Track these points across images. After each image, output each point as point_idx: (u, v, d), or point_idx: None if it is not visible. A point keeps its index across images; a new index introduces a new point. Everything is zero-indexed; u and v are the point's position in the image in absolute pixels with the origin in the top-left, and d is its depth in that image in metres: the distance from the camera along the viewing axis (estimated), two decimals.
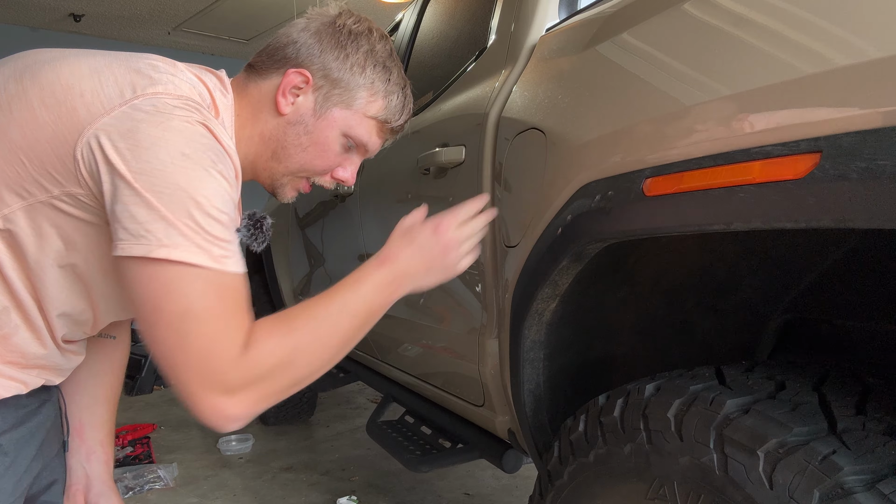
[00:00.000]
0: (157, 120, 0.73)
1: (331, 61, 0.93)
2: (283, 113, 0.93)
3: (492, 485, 2.51)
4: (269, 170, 0.98)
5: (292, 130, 0.94)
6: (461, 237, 0.91)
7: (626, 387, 0.92)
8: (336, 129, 0.95)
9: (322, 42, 0.93)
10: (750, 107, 0.68)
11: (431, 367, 1.69)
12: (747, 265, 1.02)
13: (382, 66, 0.96)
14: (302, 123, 0.94)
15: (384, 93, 0.96)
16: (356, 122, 0.96)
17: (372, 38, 0.96)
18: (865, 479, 0.61)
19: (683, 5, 0.83)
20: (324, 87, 0.93)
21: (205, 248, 0.73)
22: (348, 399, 3.85)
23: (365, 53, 0.94)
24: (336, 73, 0.93)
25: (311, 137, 0.95)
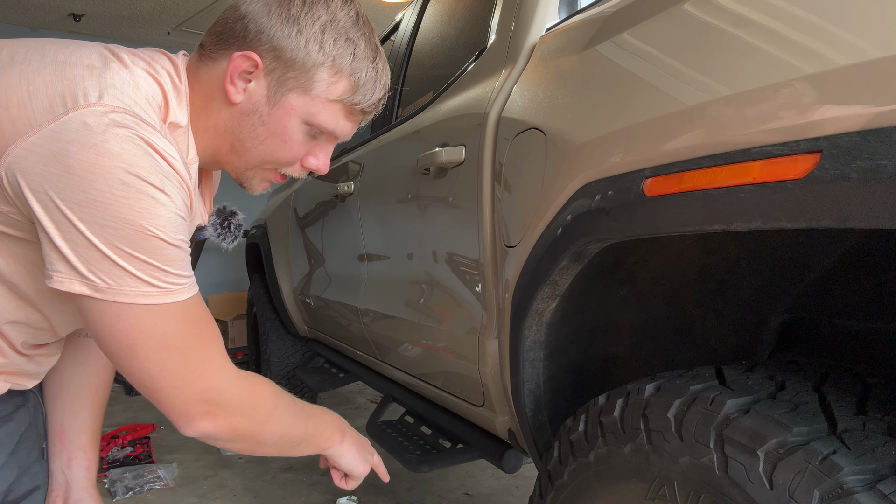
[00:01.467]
0: (89, 142, 0.65)
1: (282, 38, 0.80)
2: (234, 102, 0.82)
3: (492, 485, 2.51)
4: (231, 163, 0.89)
5: (246, 121, 0.84)
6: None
7: (626, 387, 0.92)
8: (295, 118, 0.83)
9: (271, 15, 0.80)
10: (750, 107, 0.68)
11: (431, 367, 1.69)
12: (747, 265, 1.02)
13: (345, 39, 0.82)
14: (256, 113, 0.83)
15: (349, 70, 0.83)
16: (318, 108, 0.83)
17: (332, 5, 0.82)
18: (866, 480, 0.61)
19: (683, 5, 0.83)
20: (276, 69, 0.81)
21: (158, 284, 0.70)
22: (348, 399, 3.85)
23: (322, 25, 0.80)
24: (289, 52, 0.80)
25: (267, 128, 0.84)
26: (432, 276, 1.58)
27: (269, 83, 0.82)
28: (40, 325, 0.83)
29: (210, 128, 0.85)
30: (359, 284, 2.13)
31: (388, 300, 1.88)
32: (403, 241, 1.75)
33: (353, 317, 2.19)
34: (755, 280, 1.04)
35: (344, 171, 2.29)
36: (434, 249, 1.55)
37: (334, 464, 1.09)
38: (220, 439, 0.85)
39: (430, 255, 1.57)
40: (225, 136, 0.86)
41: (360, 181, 2.08)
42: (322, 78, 0.82)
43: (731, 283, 1.06)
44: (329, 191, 2.36)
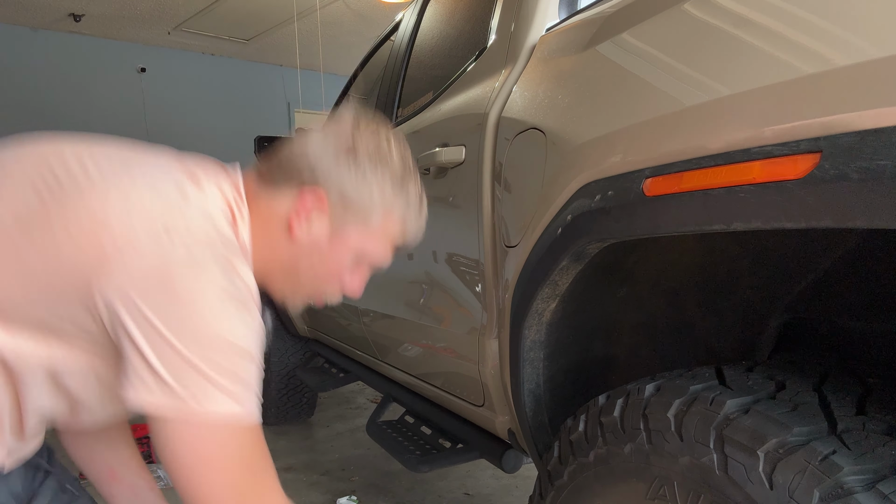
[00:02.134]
0: (193, 272, 0.71)
1: (347, 182, 0.86)
2: (298, 238, 0.87)
3: (492, 485, 2.51)
4: (279, 289, 0.94)
5: (305, 255, 0.89)
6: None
7: (626, 387, 0.92)
8: (351, 251, 0.90)
9: (338, 160, 0.86)
10: (750, 107, 0.68)
11: (431, 367, 1.69)
12: (747, 265, 1.02)
13: (400, 183, 0.90)
14: (316, 248, 0.89)
15: (402, 212, 0.91)
16: (371, 243, 0.91)
17: (391, 155, 0.90)
18: (865, 479, 0.61)
19: (683, 5, 0.83)
20: (339, 208, 0.87)
21: (243, 402, 0.73)
22: (348, 399, 3.85)
23: (383, 172, 0.88)
24: (353, 193, 0.87)
25: (324, 262, 0.90)
26: (432, 276, 1.58)
27: (332, 220, 0.88)
28: (60, 417, 0.84)
29: (266, 254, 0.88)
30: None
31: (388, 300, 1.88)
32: None
33: (353, 317, 2.19)
34: (755, 280, 1.04)
35: None
36: (434, 249, 1.55)
37: None
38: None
39: (430, 255, 1.57)
40: (280, 265, 0.90)
41: None
42: (378, 218, 0.89)
43: (731, 283, 1.06)
44: None
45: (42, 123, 4.83)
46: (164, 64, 5.37)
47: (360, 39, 5.22)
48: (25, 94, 4.76)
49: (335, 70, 6.01)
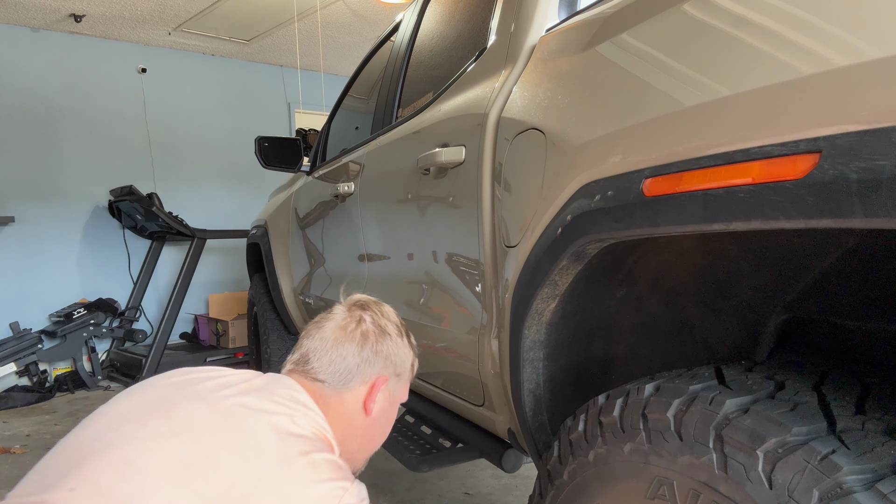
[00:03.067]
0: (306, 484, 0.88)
1: (393, 357, 1.13)
2: (371, 414, 1.10)
3: (492, 484, 2.51)
4: (353, 460, 1.10)
5: (377, 424, 1.13)
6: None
7: (625, 387, 0.92)
8: (398, 403, 1.18)
9: (382, 347, 1.12)
10: (749, 107, 0.68)
11: (431, 366, 1.69)
12: (747, 265, 1.02)
13: (408, 336, 1.19)
14: (384, 415, 1.14)
15: (414, 353, 1.20)
16: (406, 389, 1.19)
17: (397, 319, 1.19)
18: (865, 479, 0.61)
19: (683, 5, 0.84)
20: (393, 378, 1.14)
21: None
22: None
23: (400, 334, 1.16)
24: (398, 363, 1.15)
25: (389, 421, 1.17)
26: (432, 276, 1.59)
27: (391, 389, 1.14)
28: None
29: (347, 437, 1.07)
30: (359, 284, 2.13)
31: (388, 300, 1.88)
32: (403, 241, 1.76)
33: None
34: (754, 280, 1.04)
35: (344, 171, 2.29)
36: (434, 249, 1.55)
37: None
38: None
39: (431, 255, 1.57)
40: (356, 440, 1.10)
41: (360, 181, 2.08)
42: (409, 369, 1.19)
43: (731, 283, 1.06)
44: (329, 191, 2.36)
45: (42, 123, 4.82)
46: (165, 64, 5.37)
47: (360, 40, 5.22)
48: (25, 94, 4.75)
49: (335, 70, 6.01)
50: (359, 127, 2.50)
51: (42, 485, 0.86)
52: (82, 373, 4.50)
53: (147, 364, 4.38)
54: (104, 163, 5.10)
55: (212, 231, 4.82)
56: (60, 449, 0.92)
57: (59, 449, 0.92)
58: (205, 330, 5.22)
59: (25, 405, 4.12)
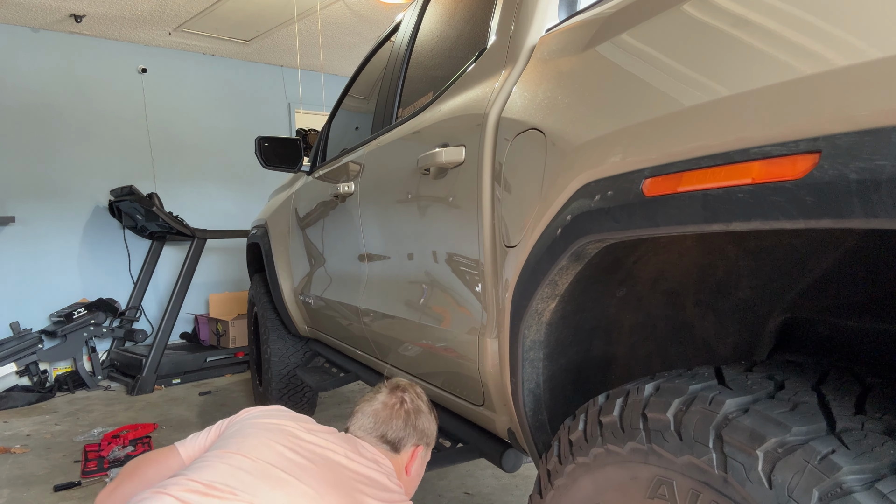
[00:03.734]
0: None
1: (427, 429, 1.51)
2: (410, 475, 1.47)
3: (492, 484, 2.51)
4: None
5: (413, 482, 1.49)
6: None
7: (625, 386, 0.92)
8: (426, 464, 1.53)
9: (419, 423, 1.48)
10: (749, 107, 0.68)
11: (431, 366, 1.70)
12: (746, 265, 1.02)
13: (434, 411, 1.56)
14: (418, 475, 1.50)
15: (437, 424, 1.57)
16: (430, 451, 1.55)
17: (428, 402, 1.55)
18: (864, 479, 0.61)
19: (683, 5, 0.84)
20: (425, 447, 1.50)
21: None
22: (349, 399, 3.85)
23: (432, 411, 1.54)
24: (429, 433, 1.52)
25: (419, 478, 1.51)
26: (432, 276, 1.59)
27: (422, 455, 1.51)
28: None
29: None
30: (359, 284, 2.13)
31: (388, 300, 1.88)
32: (403, 241, 1.76)
33: (354, 316, 2.19)
34: (754, 280, 1.04)
35: (344, 171, 2.29)
36: (434, 249, 1.55)
37: None
38: None
39: (430, 255, 1.57)
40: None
41: (360, 181, 2.08)
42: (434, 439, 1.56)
43: (730, 283, 1.06)
44: (329, 191, 2.36)
45: (42, 123, 4.82)
46: (165, 64, 5.37)
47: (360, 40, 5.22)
48: (25, 94, 4.76)
49: (336, 70, 6.01)
50: (359, 127, 2.50)
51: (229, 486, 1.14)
52: (82, 373, 4.50)
53: (147, 364, 4.38)
54: (104, 163, 5.11)
55: (212, 231, 4.82)
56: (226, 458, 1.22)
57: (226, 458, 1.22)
58: (205, 330, 5.23)
59: (26, 405, 4.12)
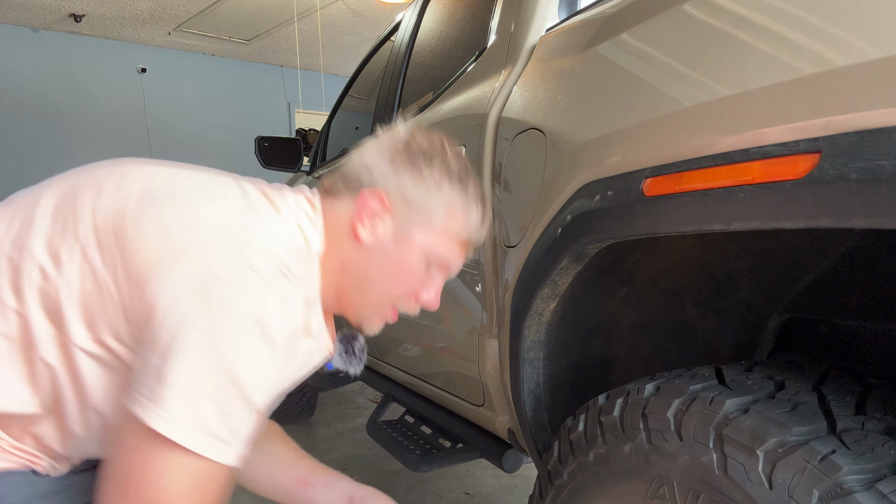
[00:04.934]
0: (236, 283, 0.70)
1: (406, 182, 0.88)
2: (362, 241, 0.88)
3: (492, 484, 2.51)
4: (353, 304, 0.93)
5: (374, 260, 0.89)
6: None
7: (625, 387, 0.92)
8: (418, 252, 0.90)
9: (395, 163, 0.89)
10: (749, 107, 0.68)
11: (431, 366, 1.69)
12: (747, 265, 1.02)
13: (458, 179, 0.91)
14: (383, 251, 0.89)
15: (463, 209, 0.91)
16: (438, 242, 0.90)
17: (444, 153, 0.92)
18: (865, 479, 0.61)
19: (683, 5, 0.84)
20: (401, 207, 0.89)
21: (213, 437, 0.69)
22: (348, 399, 3.85)
23: (439, 169, 0.90)
24: (411, 191, 0.88)
25: (393, 265, 0.90)
26: None
27: (395, 221, 0.89)
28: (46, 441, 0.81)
29: (336, 266, 0.88)
30: None
31: None
32: None
33: None
34: (754, 280, 1.04)
35: None
36: None
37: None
38: None
39: None
40: (350, 276, 0.90)
41: None
42: (440, 215, 0.90)
43: (731, 283, 1.06)
44: None
45: (42, 123, 4.82)
46: (165, 64, 5.37)
47: (360, 40, 5.23)
48: (25, 94, 4.76)
49: (335, 70, 6.01)
50: (359, 127, 2.50)
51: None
52: None
53: None
54: None
55: None
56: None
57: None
58: None
59: None
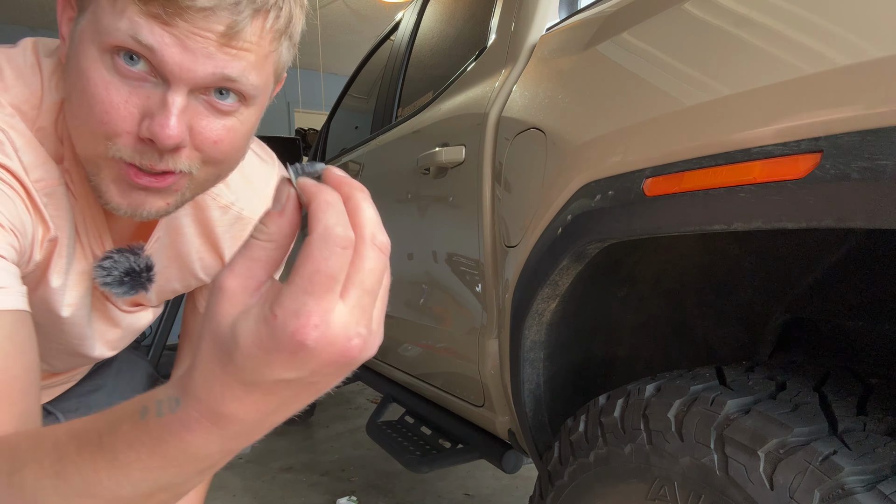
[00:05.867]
0: None
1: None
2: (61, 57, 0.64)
3: (492, 485, 2.51)
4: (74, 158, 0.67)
5: (66, 84, 0.62)
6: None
7: (626, 387, 0.92)
8: (88, 48, 0.57)
9: None
10: (750, 106, 0.68)
11: (431, 367, 1.69)
12: (747, 265, 1.02)
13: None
14: (67, 65, 0.61)
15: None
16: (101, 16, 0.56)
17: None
18: (866, 480, 0.61)
19: (683, 5, 0.83)
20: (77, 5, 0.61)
21: None
22: (348, 399, 3.85)
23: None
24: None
25: (71, 80, 0.60)
26: (432, 276, 1.58)
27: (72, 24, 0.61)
28: None
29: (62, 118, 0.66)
30: None
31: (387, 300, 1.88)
32: (403, 241, 1.75)
33: None
34: (755, 280, 1.04)
35: (344, 171, 2.29)
36: (434, 249, 1.55)
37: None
38: None
39: (430, 255, 1.57)
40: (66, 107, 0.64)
41: (360, 181, 2.08)
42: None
43: (732, 283, 1.06)
44: None
45: None
46: None
47: (360, 39, 5.22)
48: None
49: (335, 70, 6.01)
50: (358, 126, 2.50)
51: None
52: None
53: None
54: None
55: None
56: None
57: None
58: None
59: None
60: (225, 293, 0.38)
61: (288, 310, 0.36)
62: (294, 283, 0.36)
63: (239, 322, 0.37)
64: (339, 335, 0.36)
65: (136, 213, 0.64)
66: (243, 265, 0.39)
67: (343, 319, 0.37)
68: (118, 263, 0.74)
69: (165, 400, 0.41)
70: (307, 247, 0.37)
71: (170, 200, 0.65)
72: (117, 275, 0.73)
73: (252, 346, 0.36)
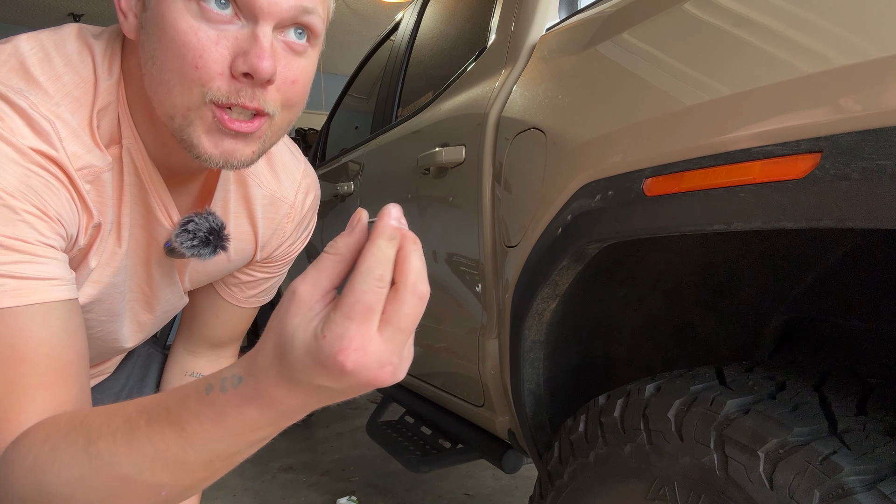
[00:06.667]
0: None
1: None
2: (132, 38, 0.67)
3: (492, 485, 2.51)
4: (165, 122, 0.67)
5: (143, 50, 0.64)
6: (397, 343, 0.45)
7: (626, 387, 0.92)
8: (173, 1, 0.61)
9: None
10: (750, 106, 0.68)
11: (431, 367, 1.69)
12: (747, 265, 1.02)
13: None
14: (143, 30, 0.64)
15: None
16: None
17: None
18: (866, 480, 0.61)
19: (683, 5, 0.83)
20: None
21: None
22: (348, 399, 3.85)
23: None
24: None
25: (155, 38, 0.62)
26: (432, 276, 1.58)
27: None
28: None
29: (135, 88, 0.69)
30: None
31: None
32: None
33: None
34: (755, 280, 1.04)
35: (344, 171, 2.29)
36: (434, 249, 1.55)
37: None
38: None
39: (430, 255, 1.57)
40: (141, 88, 0.68)
41: (359, 181, 2.08)
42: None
43: (732, 283, 1.06)
44: (329, 191, 2.36)
45: None
46: None
47: (360, 39, 5.23)
48: None
49: (335, 70, 6.01)
50: (358, 126, 2.50)
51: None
52: None
53: None
54: None
55: None
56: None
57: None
58: None
59: None
60: (296, 296, 0.46)
61: (334, 333, 0.43)
62: (340, 309, 0.43)
63: (298, 331, 0.45)
64: (373, 361, 0.44)
65: (228, 162, 0.67)
66: (313, 274, 0.46)
67: (379, 349, 0.44)
68: (200, 225, 0.78)
69: (230, 378, 0.49)
70: (351, 280, 0.44)
71: (255, 148, 0.68)
72: (202, 235, 0.77)
73: (304, 355, 0.44)
